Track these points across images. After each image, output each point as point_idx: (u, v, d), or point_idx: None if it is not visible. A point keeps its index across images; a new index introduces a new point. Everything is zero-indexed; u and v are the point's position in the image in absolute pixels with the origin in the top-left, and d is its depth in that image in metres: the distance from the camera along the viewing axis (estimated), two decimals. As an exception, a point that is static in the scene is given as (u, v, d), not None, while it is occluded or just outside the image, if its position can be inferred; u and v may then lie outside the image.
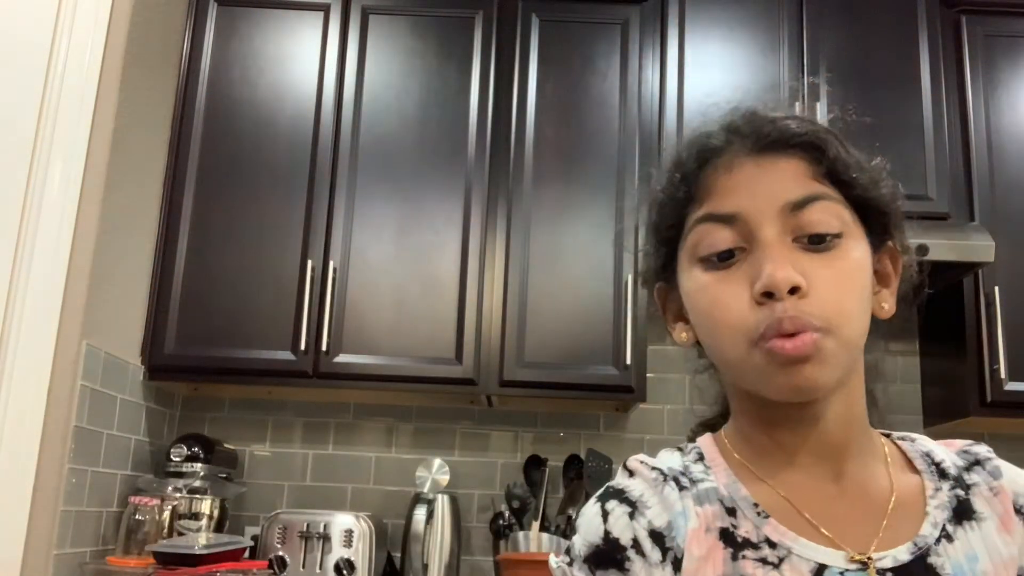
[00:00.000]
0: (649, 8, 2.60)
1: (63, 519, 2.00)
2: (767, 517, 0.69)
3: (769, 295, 0.65)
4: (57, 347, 2.02)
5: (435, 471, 2.43)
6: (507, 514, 2.41)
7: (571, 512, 2.41)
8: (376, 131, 2.50)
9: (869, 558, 0.67)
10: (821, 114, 2.46)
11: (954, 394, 2.46)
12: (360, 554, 2.25)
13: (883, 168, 0.73)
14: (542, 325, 2.39)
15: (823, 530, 0.68)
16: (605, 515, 0.71)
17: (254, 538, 2.32)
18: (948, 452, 0.75)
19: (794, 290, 0.64)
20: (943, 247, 2.25)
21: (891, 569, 0.66)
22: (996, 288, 2.37)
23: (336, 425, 2.67)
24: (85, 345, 2.06)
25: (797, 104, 2.49)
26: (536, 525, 2.36)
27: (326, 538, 2.25)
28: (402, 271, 2.41)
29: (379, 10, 2.58)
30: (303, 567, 2.23)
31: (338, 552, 2.24)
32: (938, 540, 0.68)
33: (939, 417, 2.57)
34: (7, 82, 2.10)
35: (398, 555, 2.45)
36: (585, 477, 2.40)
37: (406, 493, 2.56)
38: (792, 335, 0.64)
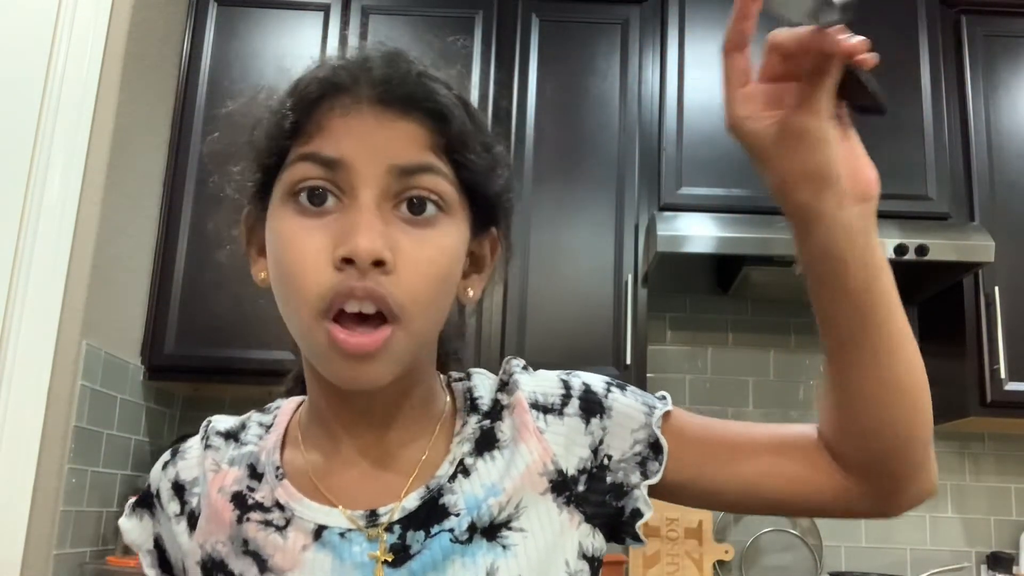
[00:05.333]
0: (649, 8, 2.60)
1: (63, 519, 2.00)
2: (282, 479, 0.69)
3: (350, 261, 0.60)
4: (57, 347, 2.02)
5: (435, 471, 2.43)
6: (507, 514, 2.41)
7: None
8: (376, 131, 2.49)
9: (374, 513, 0.66)
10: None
11: (954, 394, 2.46)
12: (360, 554, 2.24)
13: (505, 156, 0.70)
14: (542, 325, 2.39)
15: (327, 494, 0.67)
16: (175, 452, 0.76)
17: (254, 538, 2.32)
18: (491, 382, 0.74)
19: (379, 263, 0.60)
20: (943, 247, 2.25)
21: (399, 521, 0.65)
22: (996, 288, 2.37)
23: (336, 425, 2.67)
24: (85, 345, 2.06)
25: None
26: (536, 525, 2.36)
27: (326, 538, 2.24)
28: (402, 271, 2.41)
29: (379, 10, 2.58)
30: (303, 567, 2.23)
31: (338, 552, 2.23)
32: (453, 477, 0.67)
33: (939, 417, 2.53)
34: (7, 82, 2.10)
35: (398, 555, 2.44)
36: (585, 477, 2.40)
37: (406, 493, 2.56)
38: (360, 325, 0.60)
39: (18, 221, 2.03)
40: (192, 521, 0.71)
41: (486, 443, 0.69)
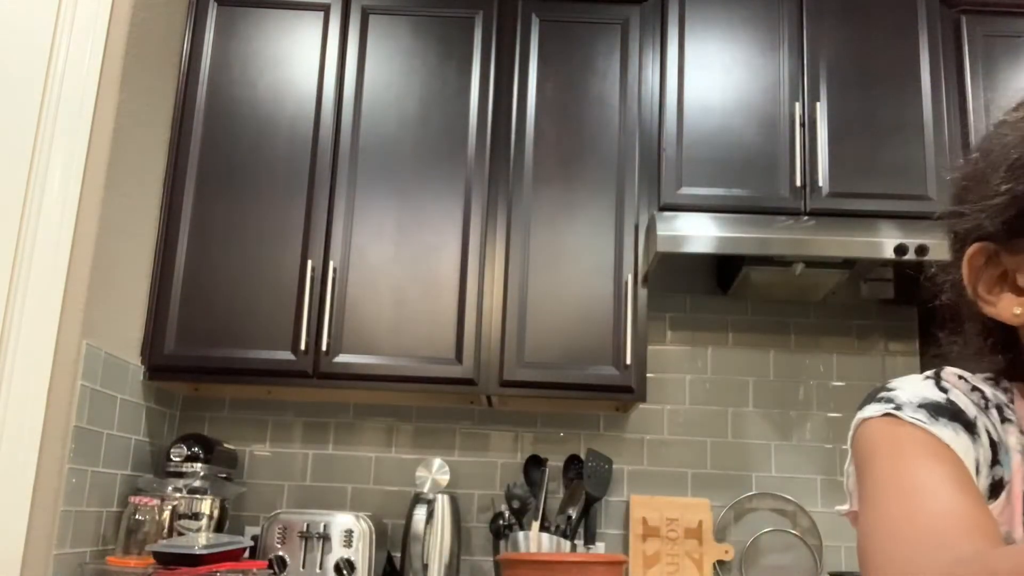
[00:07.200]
0: (649, 8, 2.60)
1: (63, 519, 2.00)
2: None
3: None
4: (57, 347, 2.02)
5: (435, 471, 2.43)
6: (507, 514, 2.41)
7: (571, 512, 2.41)
8: (376, 131, 2.50)
9: None
10: (821, 113, 2.47)
11: (954, 394, 2.46)
12: (360, 554, 2.25)
13: None
14: (542, 325, 2.39)
15: None
16: (941, 384, 0.69)
17: (254, 538, 2.32)
18: None
19: None
20: (943, 247, 2.25)
21: None
22: (996, 288, 2.37)
23: (336, 425, 2.67)
24: (85, 345, 2.06)
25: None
26: (536, 525, 2.36)
27: (326, 538, 2.25)
28: (402, 271, 2.41)
29: (379, 10, 2.58)
30: (303, 567, 2.23)
31: (338, 552, 2.24)
32: None
33: (939, 417, 2.56)
34: (7, 82, 2.10)
35: (398, 555, 2.45)
36: (585, 477, 2.40)
37: (406, 493, 2.56)
38: None
39: (18, 221, 2.04)
40: (993, 485, 0.67)
41: None
